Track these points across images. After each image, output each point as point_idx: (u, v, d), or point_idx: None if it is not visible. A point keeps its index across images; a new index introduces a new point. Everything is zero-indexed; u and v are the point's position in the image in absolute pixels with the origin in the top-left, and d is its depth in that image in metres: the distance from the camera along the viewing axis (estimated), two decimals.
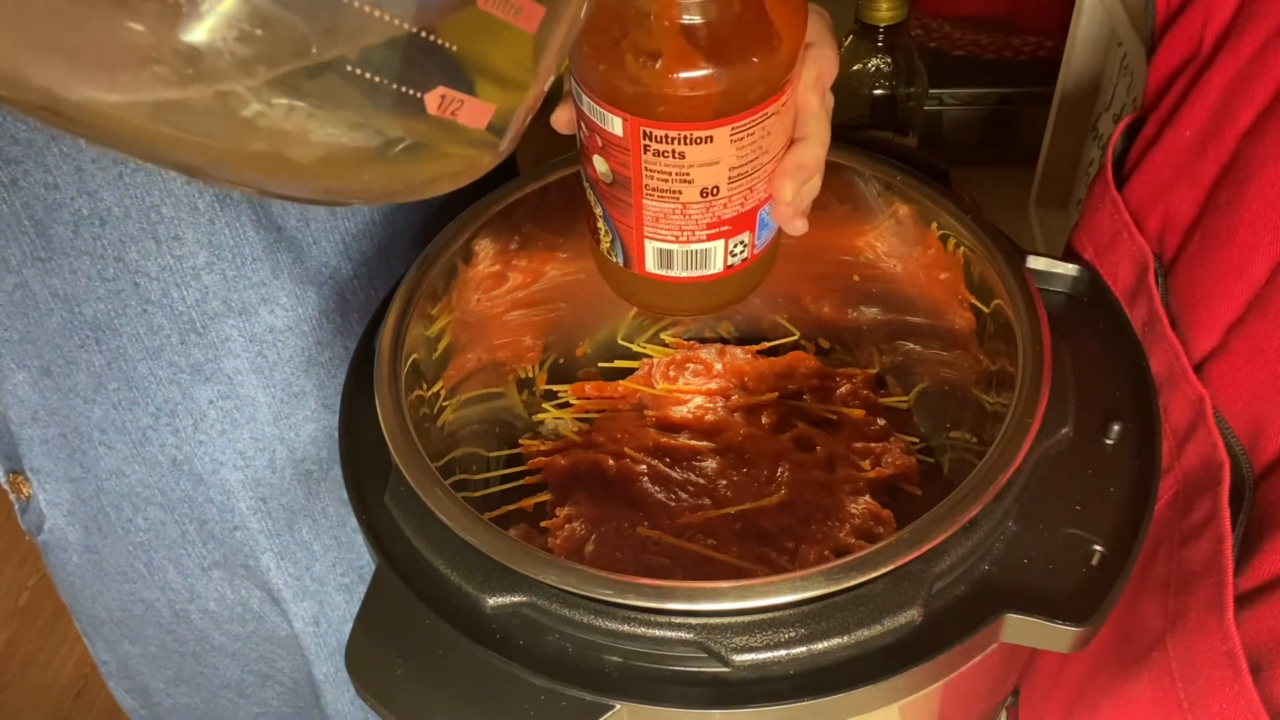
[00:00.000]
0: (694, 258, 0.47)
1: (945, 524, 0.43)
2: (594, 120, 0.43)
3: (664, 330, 0.70)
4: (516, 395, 0.65)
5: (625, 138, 0.42)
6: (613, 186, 0.45)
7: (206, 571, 0.68)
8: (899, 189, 0.57)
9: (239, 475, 0.64)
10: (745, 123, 0.42)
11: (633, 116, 0.41)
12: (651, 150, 0.42)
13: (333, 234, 0.64)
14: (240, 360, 0.60)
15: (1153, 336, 0.51)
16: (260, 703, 0.75)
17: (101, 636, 0.75)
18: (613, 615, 0.42)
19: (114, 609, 0.72)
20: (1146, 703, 0.46)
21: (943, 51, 1.03)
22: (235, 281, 0.58)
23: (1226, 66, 0.48)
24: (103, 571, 0.70)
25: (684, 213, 0.45)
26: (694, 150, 0.42)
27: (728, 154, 0.43)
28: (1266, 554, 0.42)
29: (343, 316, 0.64)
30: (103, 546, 0.68)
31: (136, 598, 0.70)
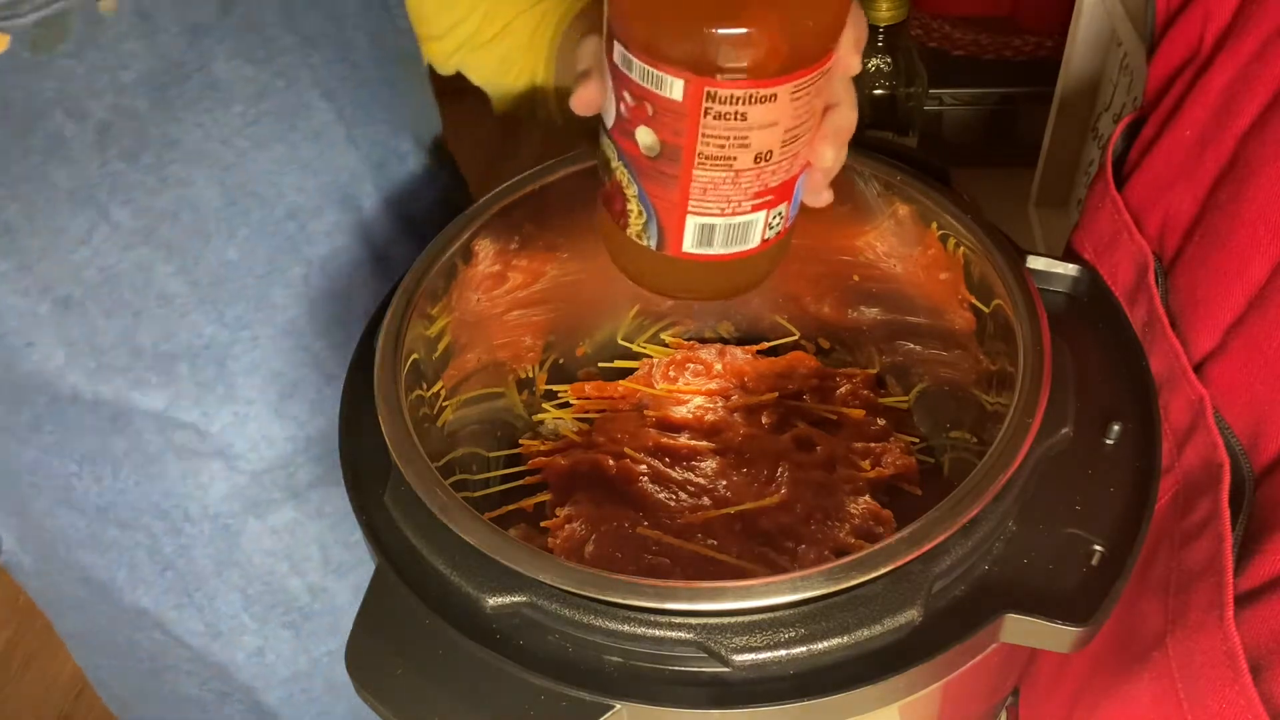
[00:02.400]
0: (735, 232, 0.46)
1: (945, 524, 0.43)
2: (645, 88, 0.41)
3: (664, 330, 0.70)
4: (516, 395, 0.65)
5: (684, 102, 0.41)
6: (658, 160, 0.43)
7: (143, 612, 0.69)
8: (899, 189, 0.57)
9: (161, 524, 0.65)
10: (805, 80, 0.41)
11: (697, 77, 0.40)
12: (713, 113, 0.41)
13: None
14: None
15: (1153, 336, 0.51)
16: (224, 718, 0.76)
17: (75, 647, 0.77)
18: (613, 615, 0.42)
19: (77, 626, 0.74)
20: (1146, 703, 0.46)
21: (943, 51, 1.03)
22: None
23: (1226, 66, 0.48)
24: (58, 595, 0.71)
25: (735, 181, 0.43)
26: (756, 110, 0.41)
27: (786, 114, 0.42)
28: (1266, 554, 0.42)
29: (318, 333, 0.64)
30: (52, 573, 0.69)
31: (91, 620, 0.72)
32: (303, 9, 0.59)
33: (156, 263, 0.57)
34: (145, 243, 0.56)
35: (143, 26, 0.53)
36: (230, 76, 0.57)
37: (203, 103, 0.56)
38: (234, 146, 0.58)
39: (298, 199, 0.61)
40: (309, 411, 0.65)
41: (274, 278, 0.61)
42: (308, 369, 0.64)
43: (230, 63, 0.56)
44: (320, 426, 0.66)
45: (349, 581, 0.72)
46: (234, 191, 0.58)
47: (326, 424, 0.66)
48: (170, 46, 0.55)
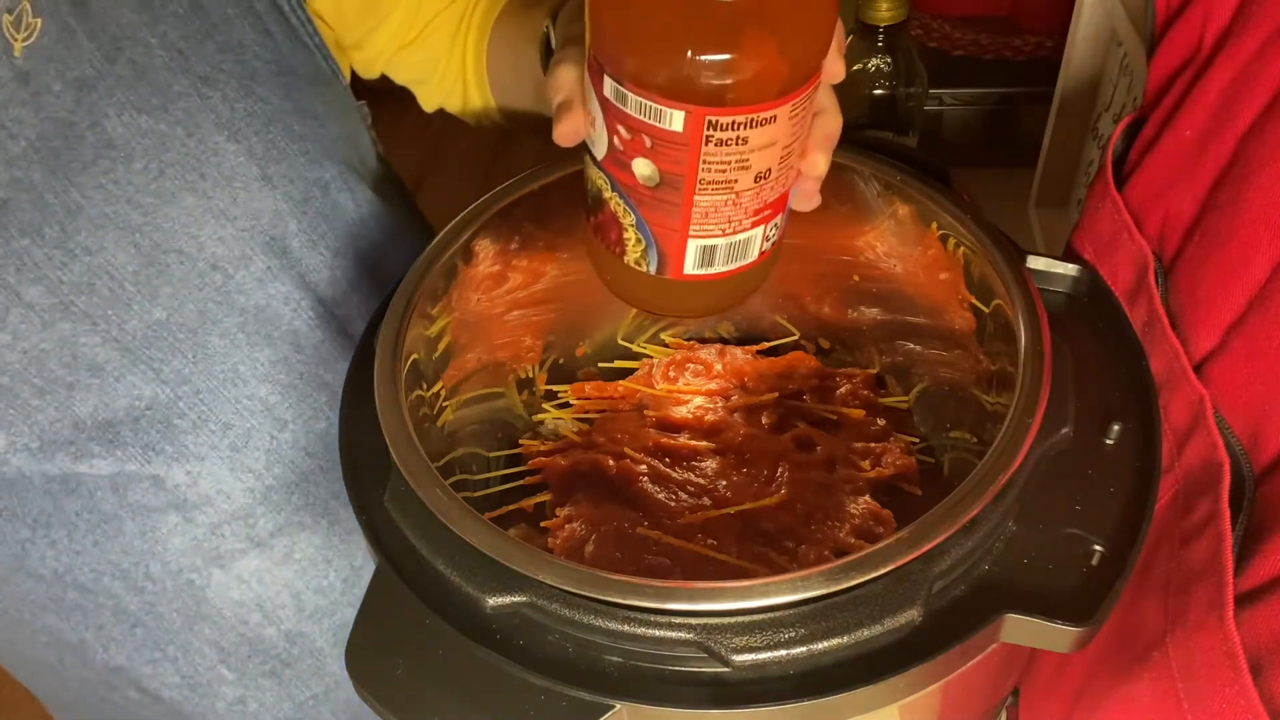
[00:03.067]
0: (736, 249, 0.46)
1: (945, 524, 0.43)
2: (643, 120, 0.41)
3: (664, 330, 0.70)
4: (516, 395, 0.65)
5: (685, 132, 0.41)
6: (658, 189, 0.43)
7: (118, 669, 0.67)
8: (899, 189, 0.57)
9: (120, 584, 0.63)
10: (803, 97, 0.41)
11: (698, 107, 0.40)
12: (714, 141, 0.41)
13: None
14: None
15: (1153, 336, 0.51)
16: None
17: (53, 709, 0.75)
18: (613, 615, 0.42)
19: (50, 687, 0.72)
20: (1146, 703, 0.46)
21: (943, 51, 1.03)
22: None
23: (1226, 67, 0.48)
24: (24, 659, 0.70)
25: (736, 202, 0.44)
26: (757, 133, 0.41)
27: (784, 132, 0.42)
28: (1266, 554, 0.42)
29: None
30: (19, 641, 0.67)
31: (64, 683, 0.70)
32: (194, 47, 0.57)
33: (80, 335, 0.55)
34: (64, 318, 0.54)
35: (23, 91, 0.51)
36: (125, 131, 0.54)
37: (100, 163, 0.54)
38: (140, 205, 0.55)
39: (219, 249, 0.58)
40: (265, 461, 0.63)
41: (208, 329, 0.59)
42: (258, 418, 0.62)
43: (122, 117, 0.54)
44: (280, 474, 0.64)
45: (327, 625, 0.69)
46: (149, 252, 0.56)
47: (286, 471, 0.64)
48: (56, 107, 0.52)
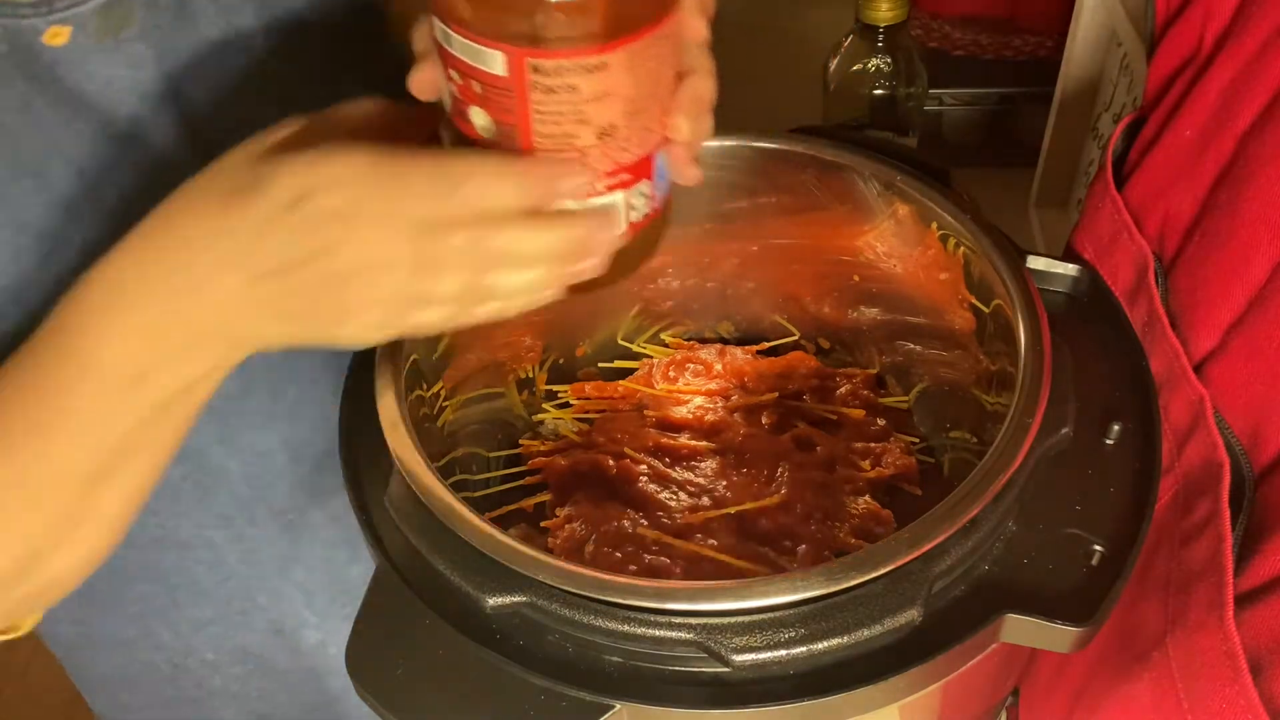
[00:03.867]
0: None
1: (945, 524, 0.43)
2: (469, 64, 0.39)
3: (664, 330, 0.70)
4: (516, 395, 0.65)
5: (509, 76, 0.38)
6: (496, 141, 0.41)
7: (201, 629, 0.68)
8: (899, 189, 0.57)
9: (223, 533, 0.64)
10: (640, 45, 0.39)
11: (516, 49, 0.37)
12: (540, 87, 0.38)
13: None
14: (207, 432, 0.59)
15: (1153, 336, 0.51)
16: None
17: (98, 691, 0.74)
18: (613, 615, 0.42)
19: (109, 669, 0.72)
20: (1146, 703, 0.46)
21: (943, 51, 1.03)
22: None
23: (1226, 66, 0.48)
24: (93, 640, 0.70)
25: (582, 161, 0.41)
26: (587, 81, 0.38)
27: (624, 84, 0.39)
28: (1266, 554, 0.42)
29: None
30: (92, 618, 0.68)
31: (132, 659, 0.70)
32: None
33: None
34: None
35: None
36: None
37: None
38: None
39: None
40: None
41: None
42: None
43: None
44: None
45: None
46: None
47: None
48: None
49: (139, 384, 0.43)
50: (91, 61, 0.51)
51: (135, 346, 0.42)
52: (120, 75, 0.51)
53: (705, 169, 0.61)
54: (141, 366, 0.42)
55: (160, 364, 0.42)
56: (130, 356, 0.42)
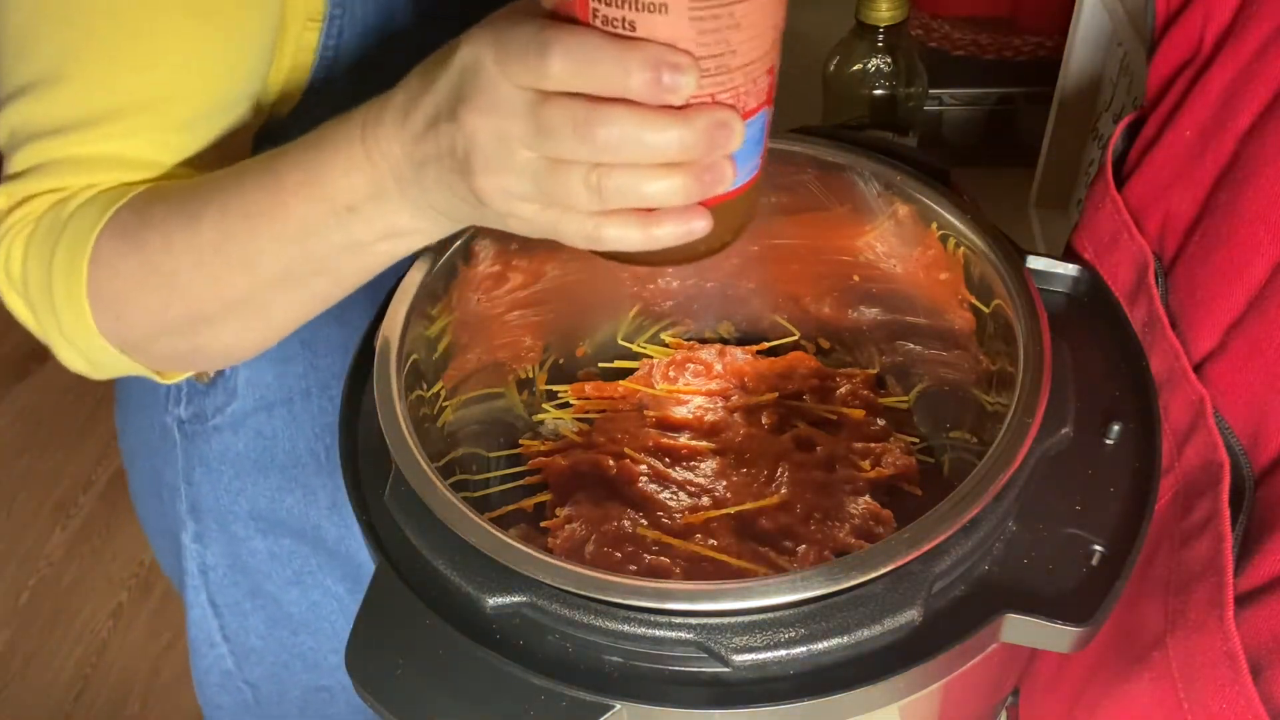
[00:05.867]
0: None
1: (945, 524, 0.43)
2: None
3: (664, 330, 0.70)
4: (516, 395, 0.65)
5: (573, 1, 0.37)
6: None
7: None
8: (899, 189, 0.57)
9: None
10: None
11: None
12: (600, 16, 0.37)
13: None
14: None
15: (1153, 336, 0.51)
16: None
17: (225, 535, 0.76)
18: (613, 615, 0.42)
19: (259, 501, 0.75)
20: (1146, 703, 0.46)
21: (943, 51, 1.03)
22: None
23: (1226, 66, 0.48)
24: (271, 458, 0.74)
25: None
26: (645, 20, 0.37)
27: (685, 35, 0.37)
28: (1266, 554, 0.42)
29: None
30: (281, 433, 0.73)
31: (297, 488, 0.74)
32: None
33: None
34: None
35: None
36: None
37: None
38: None
39: None
40: None
41: None
42: None
43: None
44: None
45: None
46: None
47: None
48: None
49: (349, 214, 0.47)
50: None
51: (355, 181, 0.46)
52: None
53: None
54: (354, 200, 0.46)
55: (369, 205, 0.46)
56: (349, 189, 0.46)
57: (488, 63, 0.39)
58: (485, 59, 0.39)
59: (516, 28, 0.38)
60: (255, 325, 0.53)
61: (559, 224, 0.40)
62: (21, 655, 1.55)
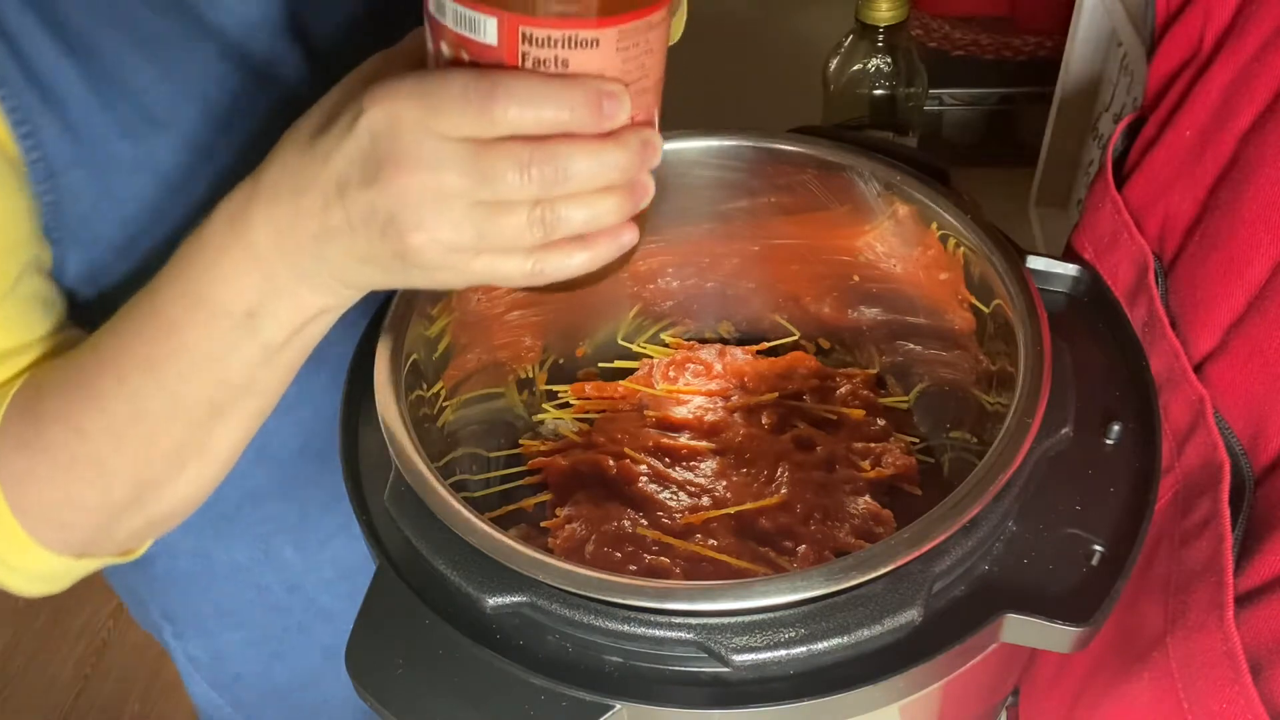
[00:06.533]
0: None
1: (945, 524, 0.43)
2: (459, 33, 0.38)
3: (664, 330, 0.70)
4: (516, 395, 0.65)
5: (500, 46, 0.38)
6: None
7: (326, 543, 0.70)
8: (899, 189, 0.57)
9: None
10: (632, 27, 0.38)
11: (510, 15, 0.37)
12: (530, 58, 0.38)
13: None
14: None
15: (1153, 336, 0.51)
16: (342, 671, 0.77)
17: (199, 632, 0.75)
18: (613, 615, 0.42)
19: (222, 601, 0.73)
20: (1146, 703, 0.46)
21: (943, 51, 1.03)
22: None
23: (1226, 67, 0.48)
24: (213, 569, 0.71)
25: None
26: (579, 57, 0.38)
27: (613, 65, 0.39)
28: (1266, 554, 0.42)
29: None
30: (215, 547, 0.69)
31: (250, 584, 0.71)
32: None
33: None
34: None
35: None
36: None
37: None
38: None
39: None
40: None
41: None
42: None
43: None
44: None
45: None
46: None
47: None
48: None
49: (250, 321, 0.44)
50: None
51: (246, 283, 0.43)
52: (252, 10, 0.53)
53: (705, 169, 0.61)
54: (252, 303, 0.43)
55: (270, 301, 0.43)
56: (241, 293, 0.43)
57: (407, 120, 0.37)
58: (404, 117, 0.38)
59: (441, 81, 0.37)
60: (204, 467, 0.50)
61: (496, 267, 0.40)
62: (22, 655, 1.55)
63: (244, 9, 0.53)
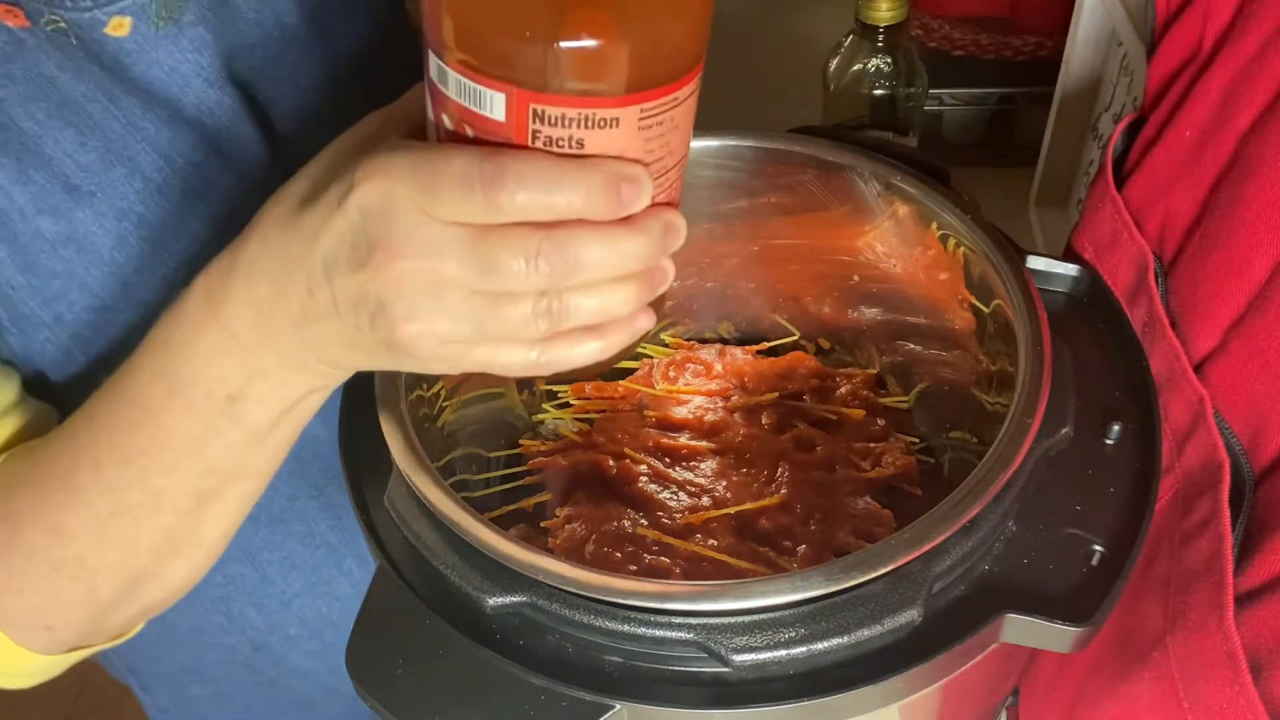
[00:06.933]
0: None
1: (945, 524, 0.43)
2: (464, 106, 0.34)
3: (664, 330, 0.70)
4: (516, 395, 0.65)
5: (507, 122, 0.34)
6: None
7: (289, 603, 0.67)
8: (899, 189, 0.57)
9: (315, 503, 0.64)
10: (656, 105, 0.35)
11: (521, 91, 0.33)
12: (542, 138, 0.34)
13: None
14: None
15: (1153, 336, 0.51)
16: (325, 717, 0.75)
17: (165, 687, 0.73)
18: (613, 615, 0.42)
19: (185, 660, 0.71)
20: (1146, 703, 0.46)
21: (943, 51, 1.03)
22: None
23: (1226, 66, 0.48)
24: (175, 632, 0.68)
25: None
26: (596, 137, 0.34)
27: (634, 146, 0.35)
28: (1266, 554, 0.42)
29: None
30: (174, 612, 0.67)
31: (213, 644, 0.69)
32: None
33: None
34: None
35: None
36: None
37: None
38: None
39: None
40: None
41: None
42: None
43: None
44: None
45: None
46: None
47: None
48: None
49: (234, 405, 0.41)
50: (155, 50, 0.51)
51: (227, 366, 0.40)
52: (184, 60, 0.52)
53: (705, 169, 0.61)
54: (234, 387, 0.40)
55: (253, 384, 0.40)
56: (222, 377, 0.40)
57: (402, 201, 0.34)
58: (398, 197, 0.34)
59: (441, 160, 0.34)
60: (195, 553, 0.47)
61: (496, 358, 0.37)
62: None
63: (170, 59, 0.51)
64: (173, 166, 0.52)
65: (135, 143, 0.51)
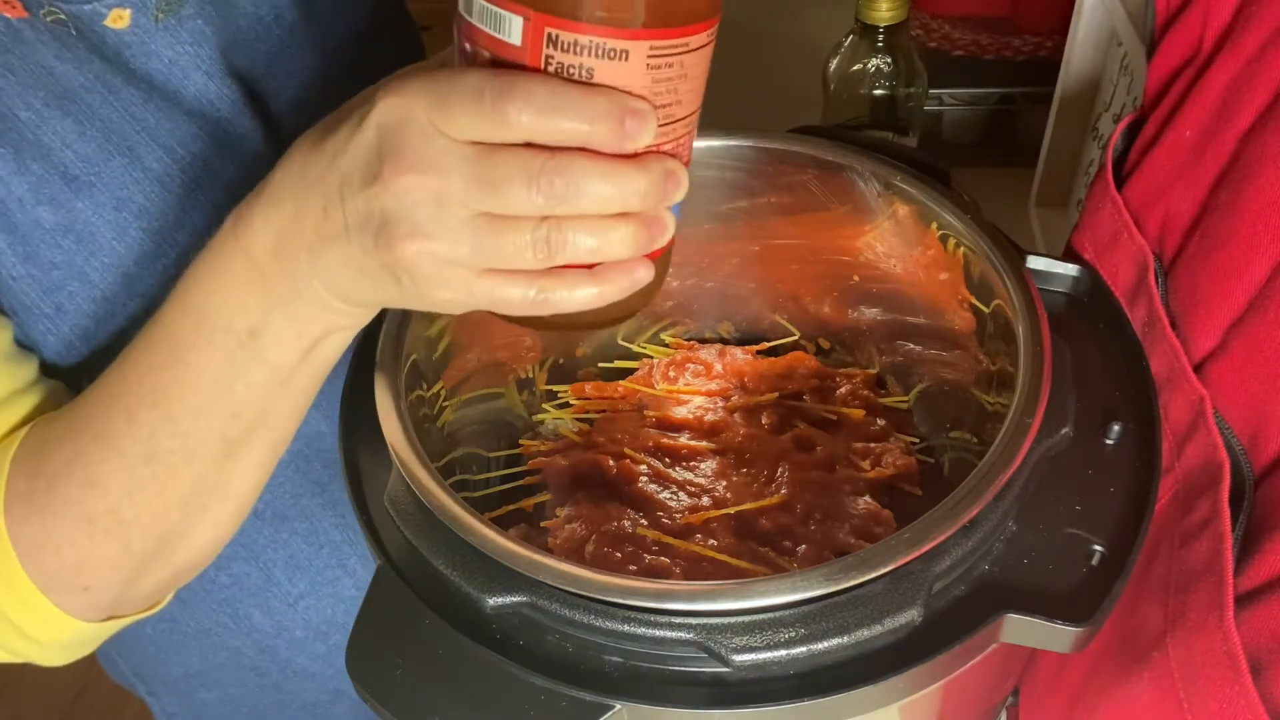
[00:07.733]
0: None
1: (945, 524, 0.43)
2: (485, 31, 0.36)
3: (664, 330, 0.70)
4: (516, 395, 0.65)
5: (523, 47, 0.35)
6: None
7: (294, 604, 0.68)
8: (899, 189, 0.57)
9: (318, 500, 0.64)
10: (666, 45, 0.36)
11: (538, 13, 0.35)
12: (554, 64, 0.35)
13: None
14: None
15: (1153, 336, 0.51)
16: (331, 719, 0.76)
17: (172, 692, 0.74)
18: (613, 615, 0.42)
19: (191, 664, 0.71)
20: (1146, 703, 0.46)
21: (943, 51, 1.03)
22: None
23: (1226, 66, 0.48)
24: (181, 634, 0.69)
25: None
26: (605, 68, 0.35)
27: (641, 83, 0.36)
28: (1266, 554, 0.42)
29: None
30: (180, 613, 0.67)
31: (219, 647, 0.69)
32: None
33: None
34: None
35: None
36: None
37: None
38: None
39: None
40: None
41: None
42: None
43: None
44: None
45: None
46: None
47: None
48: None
49: (255, 340, 0.42)
50: (155, 42, 0.51)
51: (246, 297, 0.41)
52: (184, 53, 0.52)
53: (705, 169, 0.61)
54: (254, 319, 0.41)
55: (271, 317, 0.41)
56: (242, 309, 0.41)
57: (417, 115, 0.35)
58: (414, 111, 0.35)
59: (455, 77, 0.35)
60: (223, 509, 0.48)
61: (496, 290, 0.38)
62: None
63: (170, 51, 0.52)
64: (173, 157, 0.53)
65: (135, 133, 0.52)
